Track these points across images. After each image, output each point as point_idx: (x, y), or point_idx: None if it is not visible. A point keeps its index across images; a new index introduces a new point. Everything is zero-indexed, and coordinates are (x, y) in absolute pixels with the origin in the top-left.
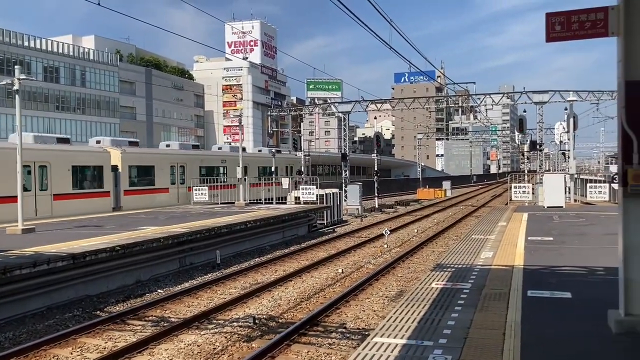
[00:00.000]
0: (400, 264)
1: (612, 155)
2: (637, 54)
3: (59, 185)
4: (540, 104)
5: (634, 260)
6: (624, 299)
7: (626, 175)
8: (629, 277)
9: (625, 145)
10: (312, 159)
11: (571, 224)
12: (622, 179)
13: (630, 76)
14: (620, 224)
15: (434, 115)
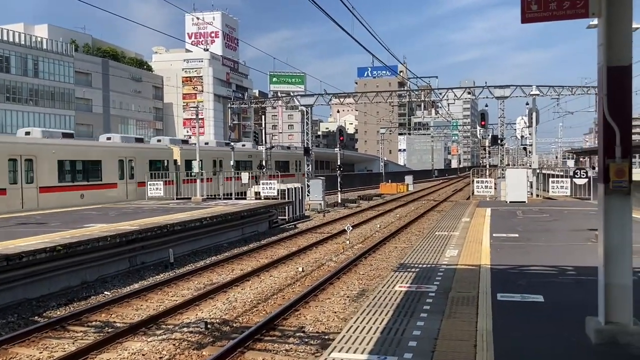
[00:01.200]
0: (362, 261)
1: (570, 150)
2: (620, 36)
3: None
4: (501, 99)
5: (616, 262)
6: (604, 305)
7: (608, 170)
8: (611, 281)
9: (607, 137)
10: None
11: (535, 220)
12: (603, 174)
13: (613, 61)
14: (601, 224)
15: (396, 110)
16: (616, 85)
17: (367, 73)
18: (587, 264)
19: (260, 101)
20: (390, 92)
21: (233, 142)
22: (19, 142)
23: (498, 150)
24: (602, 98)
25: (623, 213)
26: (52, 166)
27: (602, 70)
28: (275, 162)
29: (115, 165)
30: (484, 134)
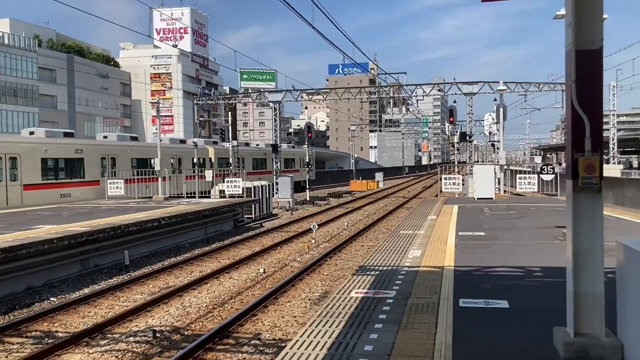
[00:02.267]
0: (327, 261)
1: (537, 147)
2: (590, 15)
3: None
4: (470, 95)
5: (586, 268)
6: (573, 315)
7: (577, 165)
8: (581, 289)
9: (576, 129)
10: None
11: (502, 217)
12: (572, 170)
13: (582, 43)
14: (569, 225)
15: (367, 107)
16: (586, 71)
17: (338, 70)
18: (554, 264)
19: (227, 97)
20: (359, 88)
21: (204, 139)
22: None
23: (467, 146)
24: (570, 85)
25: (593, 213)
26: None
27: (570, 55)
28: (252, 159)
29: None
30: (452, 131)
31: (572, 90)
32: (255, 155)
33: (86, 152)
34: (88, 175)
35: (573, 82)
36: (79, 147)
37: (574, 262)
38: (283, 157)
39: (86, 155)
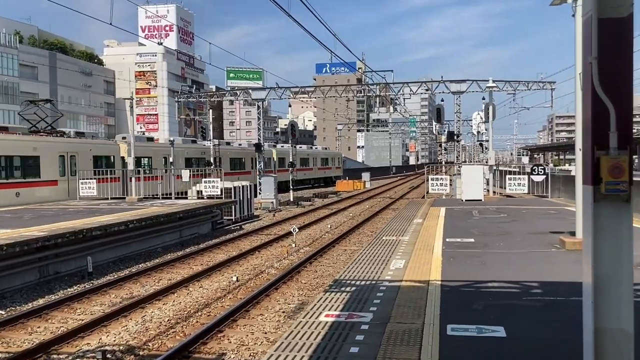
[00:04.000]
0: (306, 268)
1: (524, 147)
2: None
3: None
4: (457, 94)
5: (609, 299)
6: (593, 358)
7: (598, 166)
8: (603, 325)
9: (597, 119)
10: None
11: (492, 221)
12: (591, 172)
13: (607, 11)
14: (587, 243)
15: (355, 106)
16: (611, 45)
17: (326, 69)
18: (554, 277)
19: (210, 94)
20: (345, 86)
21: (189, 137)
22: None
23: (454, 146)
24: (590, 64)
25: (620, 228)
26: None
27: (591, 24)
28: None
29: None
30: (440, 130)
31: (593, 69)
32: (238, 155)
33: (42, 150)
34: (44, 175)
35: (594, 59)
36: (35, 145)
37: (594, 290)
38: (277, 157)
39: (42, 153)
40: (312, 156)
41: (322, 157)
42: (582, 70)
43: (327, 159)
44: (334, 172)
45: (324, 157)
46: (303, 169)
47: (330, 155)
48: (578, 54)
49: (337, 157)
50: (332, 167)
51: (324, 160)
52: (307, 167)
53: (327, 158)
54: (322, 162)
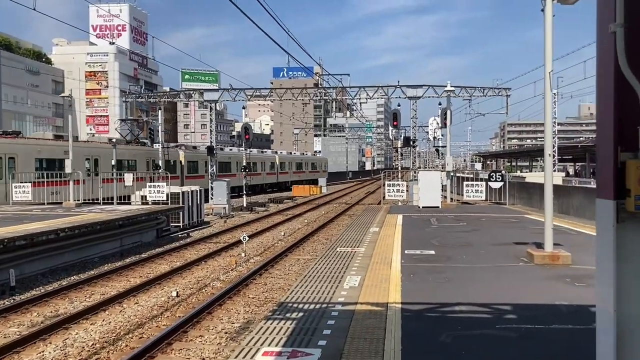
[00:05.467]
0: (256, 279)
1: (477, 153)
2: None
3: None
4: (414, 99)
5: (636, 353)
6: None
7: (623, 173)
8: None
9: (622, 110)
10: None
11: (452, 230)
12: (614, 182)
13: None
14: (609, 277)
15: (312, 111)
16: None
17: (283, 73)
18: (528, 299)
19: (160, 95)
20: (301, 89)
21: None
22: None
23: (410, 152)
24: (614, 33)
25: None
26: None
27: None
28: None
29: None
30: (396, 135)
31: (617, 41)
32: (196, 158)
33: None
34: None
35: (619, 27)
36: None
37: (617, 340)
38: (238, 160)
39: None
40: (305, 161)
41: (312, 162)
42: (598, 47)
43: (316, 164)
44: (320, 175)
45: (312, 161)
46: (298, 172)
47: (317, 160)
48: (548, 51)
49: (324, 162)
50: (319, 171)
51: (314, 164)
52: (300, 170)
53: (315, 163)
54: (312, 166)
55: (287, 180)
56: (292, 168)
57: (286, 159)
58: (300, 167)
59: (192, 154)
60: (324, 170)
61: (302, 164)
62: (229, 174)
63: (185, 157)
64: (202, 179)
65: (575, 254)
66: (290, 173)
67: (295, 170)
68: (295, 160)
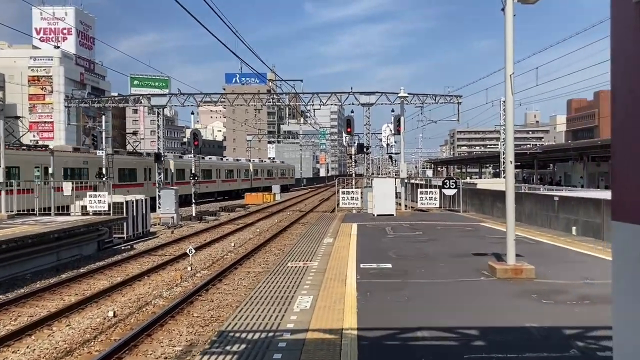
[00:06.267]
0: (202, 296)
1: (428, 160)
2: None
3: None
4: (367, 106)
5: None
6: None
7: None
8: None
9: None
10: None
11: (408, 240)
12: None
13: None
14: (626, 315)
15: (265, 117)
16: None
17: (236, 79)
18: (496, 321)
19: (105, 100)
20: (254, 94)
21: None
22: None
23: (364, 158)
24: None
25: None
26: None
27: None
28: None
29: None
30: (350, 142)
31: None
32: (127, 165)
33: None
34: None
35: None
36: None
37: None
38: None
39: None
40: (275, 168)
41: (281, 169)
42: (612, 21)
43: (285, 171)
44: (289, 181)
45: (282, 169)
46: (269, 179)
47: (286, 168)
48: (509, 53)
49: (291, 169)
50: (288, 177)
51: (283, 171)
52: (271, 177)
53: (284, 170)
54: (281, 173)
55: (260, 186)
56: (264, 175)
57: (259, 166)
58: (271, 174)
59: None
60: (292, 176)
61: (273, 171)
62: (209, 181)
63: (176, 165)
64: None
65: (538, 267)
66: (262, 179)
67: (267, 177)
68: (266, 167)
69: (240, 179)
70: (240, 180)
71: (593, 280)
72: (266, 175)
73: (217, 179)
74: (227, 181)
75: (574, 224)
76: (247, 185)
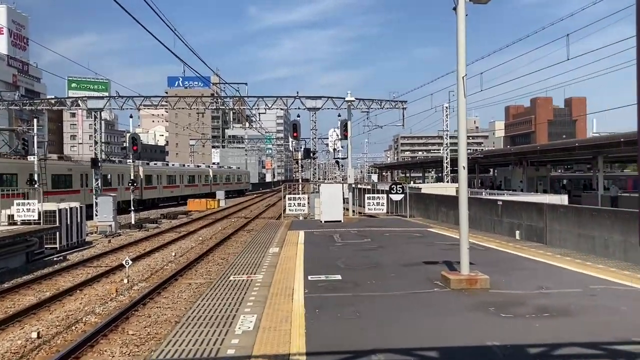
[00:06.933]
0: (139, 311)
1: (374, 165)
2: None
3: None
4: (313, 110)
5: None
6: None
7: None
8: None
9: None
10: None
11: (357, 248)
12: None
13: None
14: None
15: (210, 122)
16: None
17: (179, 83)
18: (453, 339)
19: (38, 102)
20: (196, 97)
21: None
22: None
23: (311, 163)
24: None
25: None
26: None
27: None
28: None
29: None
30: (296, 147)
31: None
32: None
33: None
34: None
35: None
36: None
37: None
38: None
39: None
40: (233, 174)
41: (238, 174)
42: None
43: (241, 177)
44: (245, 186)
45: (238, 174)
46: (227, 184)
47: (243, 173)
48: (461, 54)
49: (247, 174)
50: (244, 182)
51: (239, 177)
52: (229, 182)
53: (240, 176)
54: (237, 179)
55: (218, 191)
56: (223, 180)
57: (218, 172)
58: (228, 179)
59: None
60: (247, 181)
61: (231, 177)
62: (174, 186)
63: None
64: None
65: (491, 275)
66: (221, 184)
67: (225, 182)
68: (224, 173)
69: (201, 184)
70: (201, 185)
71: (548, 289)
72: (224, 181)
73: (180, 184)
74: (189, 186)
75: (517, 228)
76: (207, 190)
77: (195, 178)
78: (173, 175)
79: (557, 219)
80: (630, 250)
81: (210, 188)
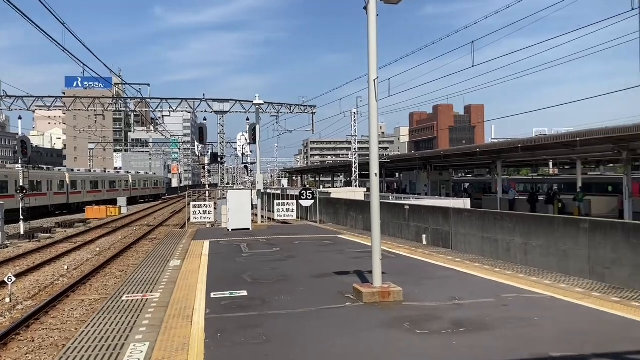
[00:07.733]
0: (20, 334)
1: (284, 169)
2: None
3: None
4: (221, 114)
5: None
6: None
7: None
8: None
9: None
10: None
11: (266, 259)
12: None
13: None
14: None
15: (111, 125)
16: None
17: (77, 83)
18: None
19: None
20: (95, 98)
21: None
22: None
23: (218, 168)
24: None
25: None
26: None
27: None
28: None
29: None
30: (203, 151)
31: None
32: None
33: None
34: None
35: None
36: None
37: None
38: None
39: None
40: (149, 179)
41: (155, 180)
42: None
43: (158, 182)
44: (161, 190)
45: (155, 179)
46: (145, 189)
47: (159, 178)
48: (372, 56)
49: (163, 180)
50: (160, 187)
51: (156, 182)
52: (147, 187)
53: (157, 180)
54: (154, 184)
55: (137, 195)
56: (141, 185)
57: (136, 177)
58: (146, 185)
59: None
60: (163, 186)
61: (148, 182)
62: (97, 191)
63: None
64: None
65: (404, 286)
66: (139, 189)
67: (143, 187)
68: (142, 178)
69: (121, 189)
70: (122, 190)
71: (461, 299)
72: (142, 186)
73: (102, 189)
74: (110, 191)
75: (424, 232)
76: (127, 195)
77: (116, 183)
78: (96, 181)
79: (462, 222)
80: (530, 252)
81: (130, 192)
